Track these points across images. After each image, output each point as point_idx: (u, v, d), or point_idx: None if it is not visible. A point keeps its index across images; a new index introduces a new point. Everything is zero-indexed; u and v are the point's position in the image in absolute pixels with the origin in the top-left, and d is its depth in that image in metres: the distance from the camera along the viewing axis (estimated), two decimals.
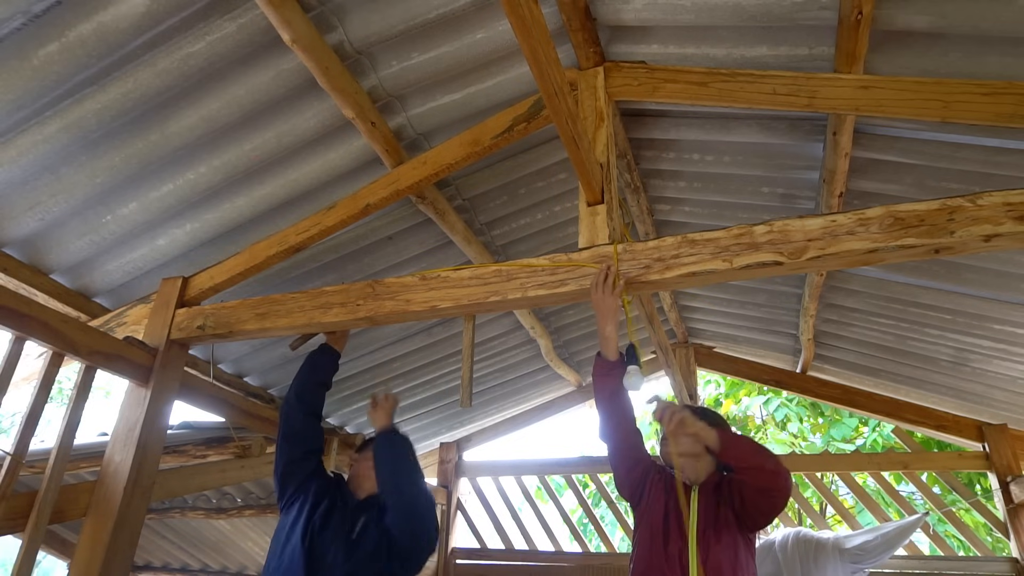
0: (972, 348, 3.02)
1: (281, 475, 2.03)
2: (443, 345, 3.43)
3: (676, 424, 1.74)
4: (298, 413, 2.07)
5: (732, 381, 7.71)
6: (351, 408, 3.65)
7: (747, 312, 3.73)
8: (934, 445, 5.58)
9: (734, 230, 1.56)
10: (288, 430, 2.07)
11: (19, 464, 1.63)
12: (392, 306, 1.88)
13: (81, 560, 1.76)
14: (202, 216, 2.19)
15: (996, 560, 3.53)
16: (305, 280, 2.65)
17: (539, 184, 2.65)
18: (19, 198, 1.90)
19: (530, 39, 1.19)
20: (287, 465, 2.02)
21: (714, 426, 1.95)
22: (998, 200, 1.36)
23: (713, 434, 1.73)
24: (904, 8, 1.62)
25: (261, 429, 2.59)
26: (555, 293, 1.70)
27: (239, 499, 3.43)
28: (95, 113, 1.77)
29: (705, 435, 1.73)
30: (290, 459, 2.03)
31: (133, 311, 2.23)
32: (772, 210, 2.63)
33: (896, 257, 1.44)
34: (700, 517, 1.81)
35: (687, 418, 1.74)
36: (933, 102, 1.64)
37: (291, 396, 2.11)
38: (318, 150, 2.13)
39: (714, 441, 1.73)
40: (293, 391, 2.11)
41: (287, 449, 2.05)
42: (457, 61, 1.99)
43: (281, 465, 2.03)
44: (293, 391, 2.11)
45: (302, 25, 1.69)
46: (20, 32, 1.56)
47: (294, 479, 2.00)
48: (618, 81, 2.05)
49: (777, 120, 2.23)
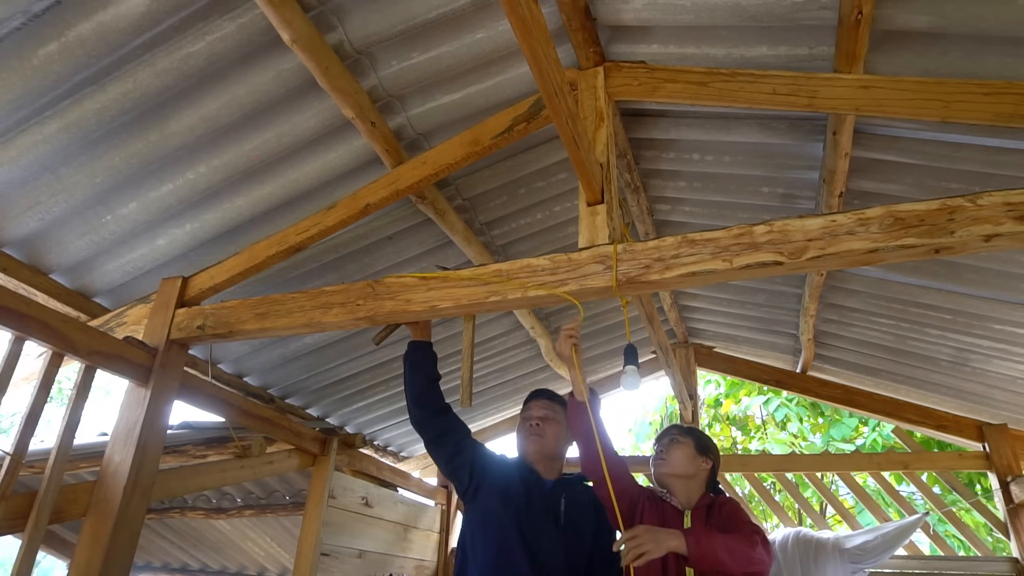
0: (972, 348, 3.02)
1: (449, 473, 2.08)
2: (443, 345, 3.42)
3: (641, 556, 1.61)
4: (426, 417, 2.04)
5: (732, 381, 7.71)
6: (351, 408, 3.65)
7: (747, 312, 3.73)
8: (934, 445, 5.57)
9: (734, 230, 1.56)
10: (428, 435, 2.06)
11: (19, 464, 1.62)
12: (392, 306, 1.87)
13: (81, 560, 1.75)
14: (202, 216, 2.19)
15: (996, 560, 3.52)
16: (305, 280, 2.65)
17: (539, 184, 2.65)
18: (19, 198, 1.90)
19: (530, 39, 1.19)
20: (448, 463, 2.05)
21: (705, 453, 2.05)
22: (998, 200, 1.36)
23: (682, 545, 1.65)
24: (904, 8, 1.62)
25: (261, 429, 2.59)
26: (555, 293, 1.70)
27: (239, 499, 3.42)
28: (95, 113, 1.77)
29: (673, 545, 1.65)
30: (448, 458, 2.05)
31: (133, 311, 2.23)
32: (772, 210, 2.63)
33: (896, 257, 1.44)
34: None
35: (650, 552, 1.61)
36: (933, 102, 1.64)
37: (411, 406, 2.06)
38: (318, 150, 2.13)
39: (683, 551, 1.65)
40: (410, 400, 2.06)
41: (438, 452, 2.06)
42: (457, 61, 1.99)
43: (443, 466, 2.08)
44: (410, 400, 2.06)
45: (302, 25, 1.69)
46: (20, 32, 1.56)
47: (463, 470, 2.03)
48: (618, 81, 2.04)
49: (777, 120, 2.23)
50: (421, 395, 2.04)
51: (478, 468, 2.02)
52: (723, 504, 1.96)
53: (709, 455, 2.06)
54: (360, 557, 3.15)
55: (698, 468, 2.03)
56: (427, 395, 2.05)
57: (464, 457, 2.03)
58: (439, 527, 4.13)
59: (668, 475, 2.04)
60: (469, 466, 2.02)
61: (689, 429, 2.15)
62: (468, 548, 1.97)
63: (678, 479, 2.02)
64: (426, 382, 2.06)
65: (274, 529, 3.88)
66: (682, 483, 2.01)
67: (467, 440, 2.07)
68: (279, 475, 3.11)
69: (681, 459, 2.02)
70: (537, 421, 2.10)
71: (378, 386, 3.53)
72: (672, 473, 2.03)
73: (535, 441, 2.08)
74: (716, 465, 2.08)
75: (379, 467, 3.60)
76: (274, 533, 3.93)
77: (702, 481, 2.03)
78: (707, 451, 2.07)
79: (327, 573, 2.86)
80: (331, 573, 2.89)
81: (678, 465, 2.02)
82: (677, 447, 2.05)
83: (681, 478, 2.01)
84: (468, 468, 2.02)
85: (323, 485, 2.91)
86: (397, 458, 4.53)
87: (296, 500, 3.25)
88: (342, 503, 3.05)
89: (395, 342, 3.23)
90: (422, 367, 2.07)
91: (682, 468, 2.01)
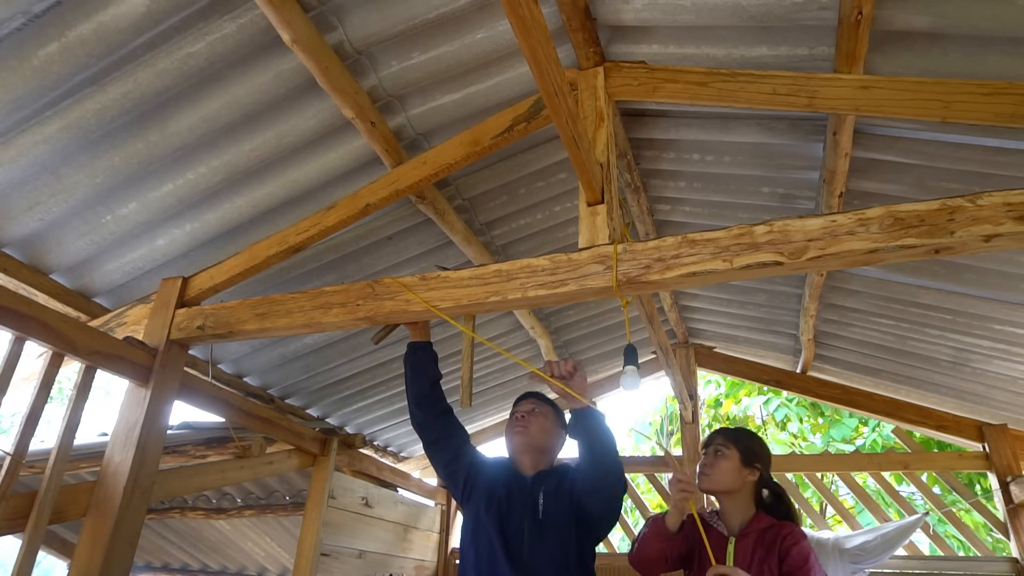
0: (972, 348, 3.02)
1: (445, 477, 2.06)
2: (443, 345, 3.42)
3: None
4: (427, 419, 2.02)
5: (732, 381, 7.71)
6: (351, 408, 3.65)
7: (747, 312, 3.73)
8: (934, 445, 5.58)
9: (734, 230, 1.55)
10: (428, 438, 2.04)
11: (19, 464, 1.62)
12: (392, 306, 1.87)
13: (81, 560, 1.75)
14: (202, 216, 2.19)
15: (996, 560, 3.52)
16: (305, 280, 2.65)
17: (539, 184, 2.65)
18: (19, 198, 1.90)
19: (530, 39, 1.19)
20: (446, 467, 2.04)
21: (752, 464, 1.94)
22: (998, 200, 1.35)
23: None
24: (904, 8, 1.62)
25: (261, 429, 2.59)
26: (555, 293, 1.70)
27: (239, 499, 3.42)
28: (95, 113, 1.77)
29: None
30: (446, 462, 2.03)
31: (133, 311, 2.23)
32: (772, 210, 2.63)
33: (896, 257, 1.44)
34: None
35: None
36: (933, 102, 1.64)
37: (412, 408, 2.04)
38: (318, 150, 2.13)
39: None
40: (412, 402, 2.04)
41: (437, 455, 2.05)
42: (457, 61, 1.99)
43: (441, 469, 2.06)
44: (412, 402, 2.04)
45: (302, 25, 1.69)
46: (20, 32, 1.56)
47: (459, 475, 2.02)
48: (618, 81, 2.04)
49: (777, 120, 2.23)
50: (423, 396, 2.02)
51: (472, 473, 2.02)
52: (785, 539, 1.78)
53: (756, 464, 1.93)
54: (360, 557, 3.15)
55: (744, 481, 1.91)
56: (429, 396, 2.03)
57: (461, 462, 2.03)
58: (439, 527, 4.14)
59: (711, 491, 1.96)
60: (465, 471, 2.02)
61: (735, 436, 2.00)
62: (463, 552, 1.98)
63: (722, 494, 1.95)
64: (427, 383, 2.04)
65: (274, 529, 3.88)
66: (728, 497, 1.93)
67: (466, 446, 2.07)
68: (279, 475, 3.11)
69: (725, 473, 1.91)
70: (523, 414, 2.09)
71: (378, 386, 3.53)
72: (714, 490, 1.95)
73: (520, 432, 2.06)
74: (765, 473, 1.95)
75: (379, 467, 3.60)
76: (274, 533, 3.93)
77: (749, 493, 1.92)
78: (754, 460, 1.94)
79: (327, 573, 2.86)
80: (331, 573, 2.89)
81: (721, 481, 1.91)
82: (721, 460, 1.93)
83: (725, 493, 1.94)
84: (464, 473, 2.02)
85: (323, 485, 2.91)
86: (397, 458, 4.53)
87: (296, 500, 3.25)
88: (342, 503, 3.05)
89: (395, 342, 3.24)
90: (422, 368, 2.05)
91: (725, 484, 1.91)
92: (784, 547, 1.76)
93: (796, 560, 1.73)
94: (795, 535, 1.79)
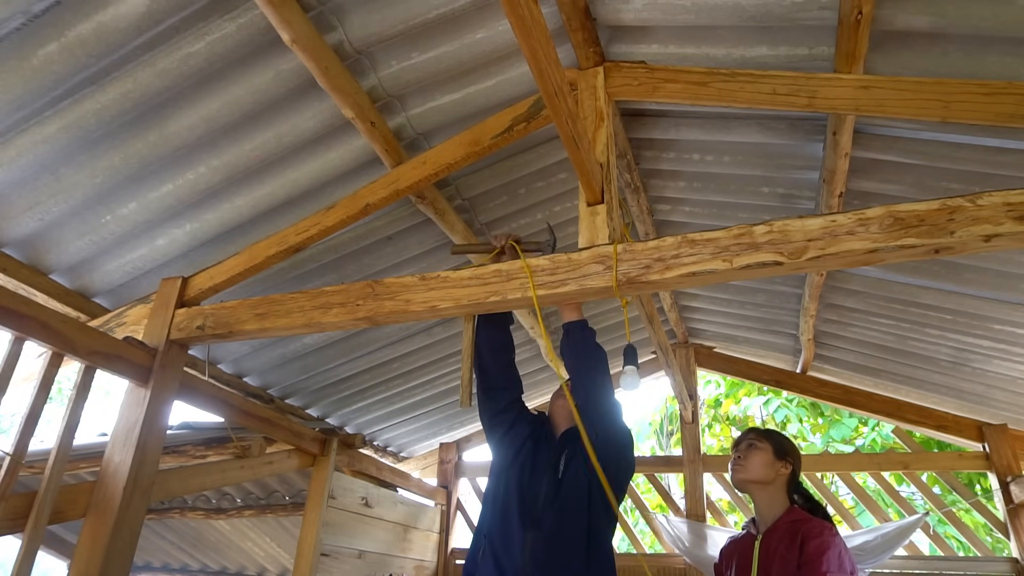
0: (972, 348, 3.02)
1: (488, 424, 2.13)
2: (443, 345, 3.43)
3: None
4: (493, 367, 2.10)
5: (732, 381, 7.72)
6: (351, 408, 3.65)
7: (747, 312, 3.73)
8: (934, 445, 5.58)
9: (734, 230, 1.55)
10: (486, 384, 2.11)
11: (19, 464, 1.62)
12: (392, 306, 1.87)
13: (81, 560, 1.75)
14: (202, 216, 2.19)
15: (996, 560, 3.52)
16: (305, 280, 2.65)
17: (539, 184, 2.65)
18: (19, 198, 1.90)
19: (530, 39, 1.19)
20: (492, 417, 2.10)
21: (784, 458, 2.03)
22: (998, 200, 1.35)
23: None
24: (904, 8, 1.62)
25: (260, 429, 2.58)
26: (555, 293, 1.70)
27: (239, 499, 3.42)
28: (95, 113, 1.77)
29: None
30: (494, 412, 2.10)
31: (133, 311, 2.23)
32: (772, 210, 2.63)
33: (896, 257, 1.44)
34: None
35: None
36: (933, 102, 1.64)
37: (483, 352, 2.10)
38: (318, 150, 2.13)
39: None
40: (485, 348, 2.10)
41: (489, 402, 2.11)
42: (457, 61, 1.99)
43: (487, 417, 2.12)
44: (485, 348, 2.10)
45: (302, 25, 1.69)
46: (20, 32, 1.56)
47: (501, 426, 2.09)
48: (618, 81, 2.04)
49: (777, 120, 2.23)
50: (497, 350, 2.11)
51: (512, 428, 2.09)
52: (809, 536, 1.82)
53: (788, 459, 2.04)
54: (360, 557, 3.15)
55: (777, 473, 2.01)
56: (502, 347, 2.13)
57: (507, 416, 2.10)
58: (439, 527, 4.14)
59: (745, 481, 2.04)
60: (508, 424, 2.09)
61: (768, 432, 2.12)
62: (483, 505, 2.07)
63: (756, 485, 2.02)
64: (502, 344, 2.14)
65: (274, 529, 3.88)
66: (761, 489, 2.01)
67: (519, 403, 2.15)
68: (279, 475, 3.11)
69: (759, 465, 2.01)
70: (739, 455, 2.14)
71: (378, 386, 3.53)
72: (749, 479, 2.03)
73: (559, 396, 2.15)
74: (797, 469, 2.06)
75: (379, 467, 3.60)
76: (274, 533, 3.93)
77: (782, 486, 2.01)
78: (786, 455, 2.04)
79: (327, 573, 2.86)
80: (331, 573, 2.89)
81: (756, 471, 2.01)
82: (755, 452, 2.04)
83: (759, 484, 2.01)
84: (506, 427, 2.09)
85: (323, 485, 2.91)
86: (397, 458, 4.53)
87: (296, 500, 3.25)
88: (342, 503, 3.05)
89: (395, 342, 3.24)
90: (496, 331, 2.15)
91: (760, 474, 2.01)
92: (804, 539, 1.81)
93: (810, 554, 1.76)
94: (818, 530, 1.82)
